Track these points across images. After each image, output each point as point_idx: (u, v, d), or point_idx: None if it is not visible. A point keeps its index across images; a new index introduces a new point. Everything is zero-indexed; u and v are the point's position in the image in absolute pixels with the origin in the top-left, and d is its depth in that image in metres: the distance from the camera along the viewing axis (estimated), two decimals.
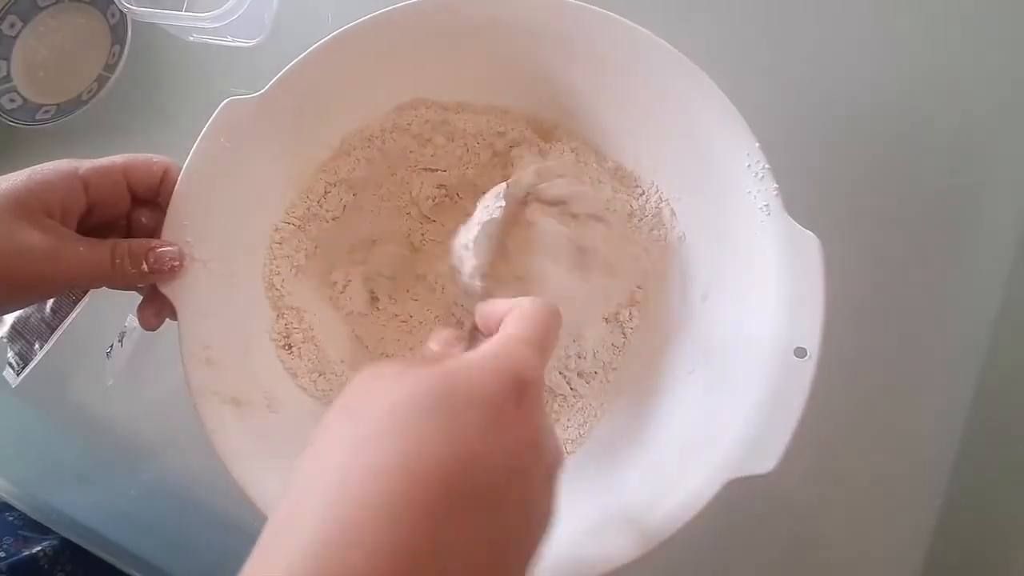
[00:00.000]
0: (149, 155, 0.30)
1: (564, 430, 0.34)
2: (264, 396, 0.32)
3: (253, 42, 0.46)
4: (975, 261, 0.36)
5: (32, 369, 0.42)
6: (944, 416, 0.36)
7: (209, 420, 0.30)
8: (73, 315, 0.43)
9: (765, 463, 0.25)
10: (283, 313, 0.34)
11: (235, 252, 0.32)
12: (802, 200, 0.29)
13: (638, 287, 0.35)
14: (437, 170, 0.37)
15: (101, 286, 0.30)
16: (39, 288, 0.28)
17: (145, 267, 0.28)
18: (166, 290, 0.30)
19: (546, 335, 0.19)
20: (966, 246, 0.36)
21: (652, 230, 0.34)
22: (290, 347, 0.34)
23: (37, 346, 0.42)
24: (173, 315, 0.30)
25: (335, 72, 0.32)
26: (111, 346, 0.42)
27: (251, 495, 0.28)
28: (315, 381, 0.34)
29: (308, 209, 0.35)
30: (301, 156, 0.35)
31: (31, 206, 0.26)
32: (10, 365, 0.43)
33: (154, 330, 0.30)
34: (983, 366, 0.35)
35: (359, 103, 0.35)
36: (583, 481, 0.32)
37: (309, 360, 0.34)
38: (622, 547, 0.26)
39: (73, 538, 0.40)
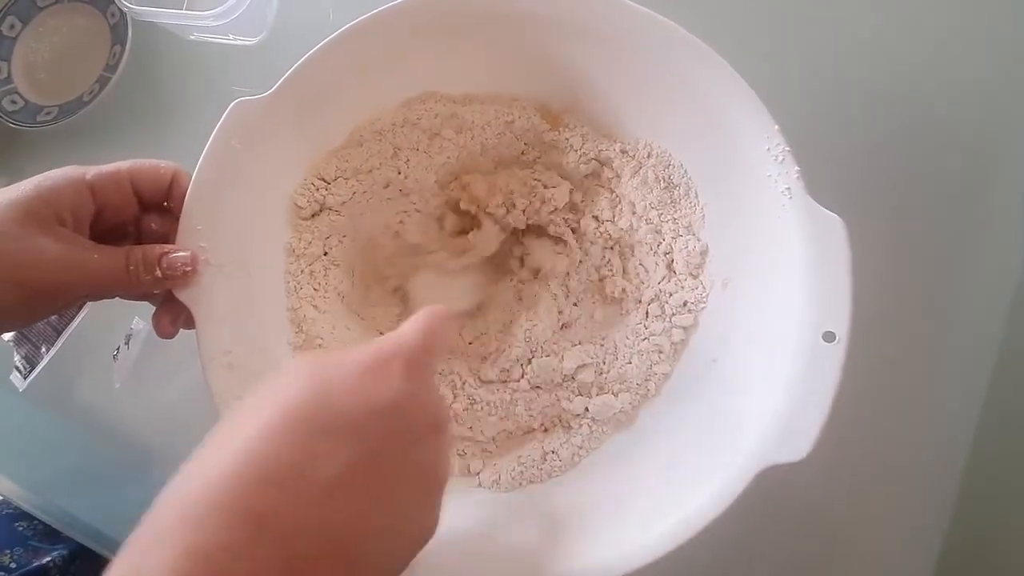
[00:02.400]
0: (156, 161, 0.29)
1: (586, 425, 0.33)
2: None
3: (254, 40, 0.46)
4: (995, 247, 0.35)
5: (39, 372, 0.42)
6: (963, 405, 0.35)
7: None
8: (79, 318, 0.43)
9: (798, 450, 0.24)
10: (302, 327, 0.33)
11: (251, 255, 0.31)
12: (824, 184, 0.28)
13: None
14: (447, 163, 0.37)
15: (115, 295, 0.29)
16: (55, 298, 0.27)
17: (158, 273, 0.28)
18: (183, 296, 0.29)
19: (429, 322, 0.23)
20: (986, 230, 0.35)
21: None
22: None
23: (43, 349, 0.42)
24: (189, 323, 0.29)
25: (343, 69, 0.32)
26: (117, 348, 0.42)
27: None
28: None
29: (320, 198, 0.34)
30: (313, 153, 0.34)
31: (43, 214, 0.26)
32: (17, 369, 0.42)
33: (170, 338, 0.30)
34: (1001, 350, 0.35)
35: (368, 99, 0.34)
36: (606, 477, 0.31)
37: None
38: (650, 544, 0.26)
39: (81, 540, 0.40)
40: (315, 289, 0.34)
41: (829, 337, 0.25)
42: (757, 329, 0.29)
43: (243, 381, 0.29)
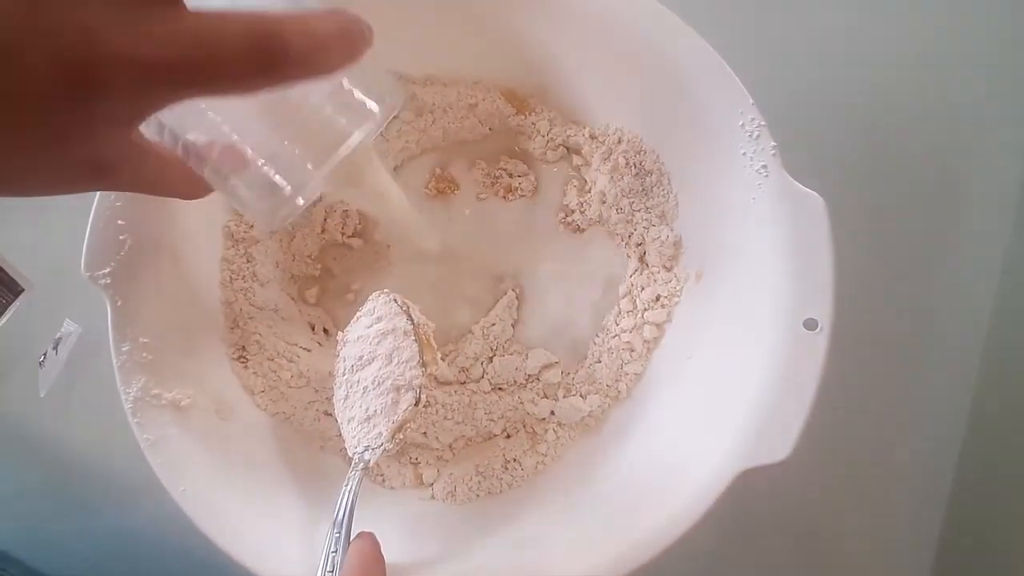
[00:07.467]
0: None
1: (551, 430, 0.31)
2: (212, 401, 0.29)
3: None
4: (982, 229, 0.34)
5: None
6: (955, 397, 0.33)
7: (144, 428, 0.26)
8: (3, 320, 0.39)
9: (779, 450, 0.22)
10: (238, 324, 0.31)
11: (179, 235, 0.29)
12: (802, 165, 0.26)
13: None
14: (406, 147, 0.34)
15: None
16: None
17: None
18: (100, 275, 0.26)
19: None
20: (972, 210, 0.34)
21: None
22: (246, 360, 0.31)
23: None
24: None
25: None
26: (44, 354, 0.38)
27: (192, 516, 0.25)
28: (274, 401, 0.31)
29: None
30: None
31: None
32: None
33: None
34: (987, 338, 0.33)
35: None
36: (570, 487, 0.28)
37: (265, 378, 0.31)
38: (615, 559, 0.23)
39: None
40: (254, 279, 0.31)
41: (811, 324, 0.23)
42: (733, 321, 0.26)
43: (158, 377, 0.26)
